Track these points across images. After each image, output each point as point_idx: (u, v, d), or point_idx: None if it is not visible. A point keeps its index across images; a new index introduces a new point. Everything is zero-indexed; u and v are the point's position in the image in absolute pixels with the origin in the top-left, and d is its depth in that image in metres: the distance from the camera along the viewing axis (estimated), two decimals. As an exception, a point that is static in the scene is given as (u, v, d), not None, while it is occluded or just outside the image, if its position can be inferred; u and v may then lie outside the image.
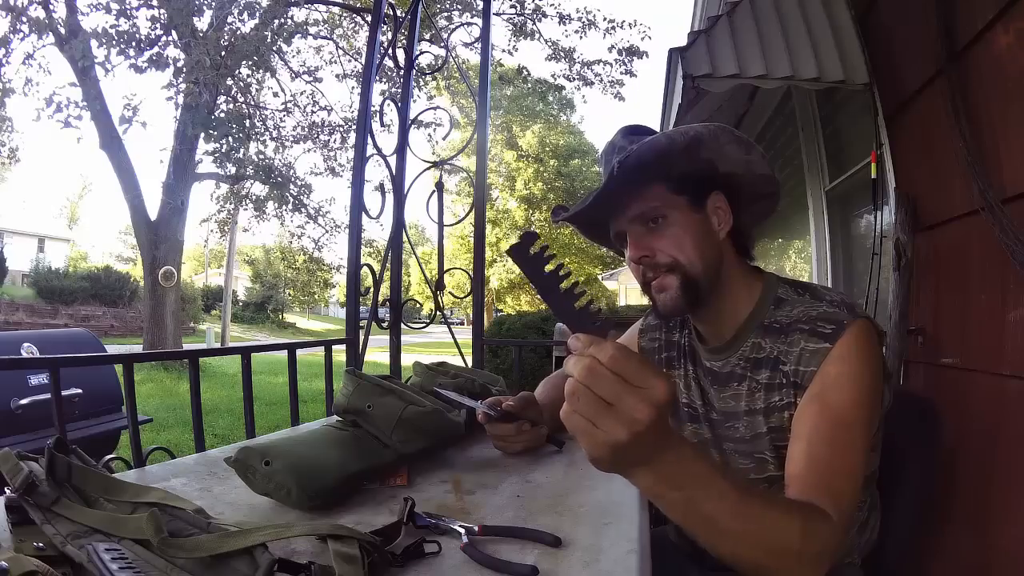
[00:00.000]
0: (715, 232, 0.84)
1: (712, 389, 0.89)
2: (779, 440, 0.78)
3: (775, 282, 0.86)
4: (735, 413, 0.85)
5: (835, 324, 0.74)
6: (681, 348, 0.97)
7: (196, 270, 28.28)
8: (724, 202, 0.85)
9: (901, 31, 1.71)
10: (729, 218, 0.85)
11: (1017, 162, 1.17)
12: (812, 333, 0.75)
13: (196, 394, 1.33)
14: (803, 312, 0.78)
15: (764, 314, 0.83)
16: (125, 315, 15.67)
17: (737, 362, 0.85)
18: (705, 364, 0.91)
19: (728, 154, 0.81)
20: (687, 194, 0.82)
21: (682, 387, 0.95)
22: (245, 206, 10.41)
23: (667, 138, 0.78)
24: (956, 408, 1.33)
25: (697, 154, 0.80)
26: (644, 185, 0.82)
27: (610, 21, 9.23)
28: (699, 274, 0.82)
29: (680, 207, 0.82)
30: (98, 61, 7.11)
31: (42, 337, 3.36)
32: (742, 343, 0.84)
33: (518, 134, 21.07)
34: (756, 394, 0.81)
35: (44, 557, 0.45)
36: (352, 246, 1.85)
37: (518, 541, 0.62)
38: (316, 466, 0.71)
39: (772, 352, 0.80)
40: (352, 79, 9.67)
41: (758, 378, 0.81)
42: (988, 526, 1.24)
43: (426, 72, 2.42)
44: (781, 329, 0.79)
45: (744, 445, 0.84)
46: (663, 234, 0.82)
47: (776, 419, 0.79)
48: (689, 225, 0.82)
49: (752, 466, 0.83)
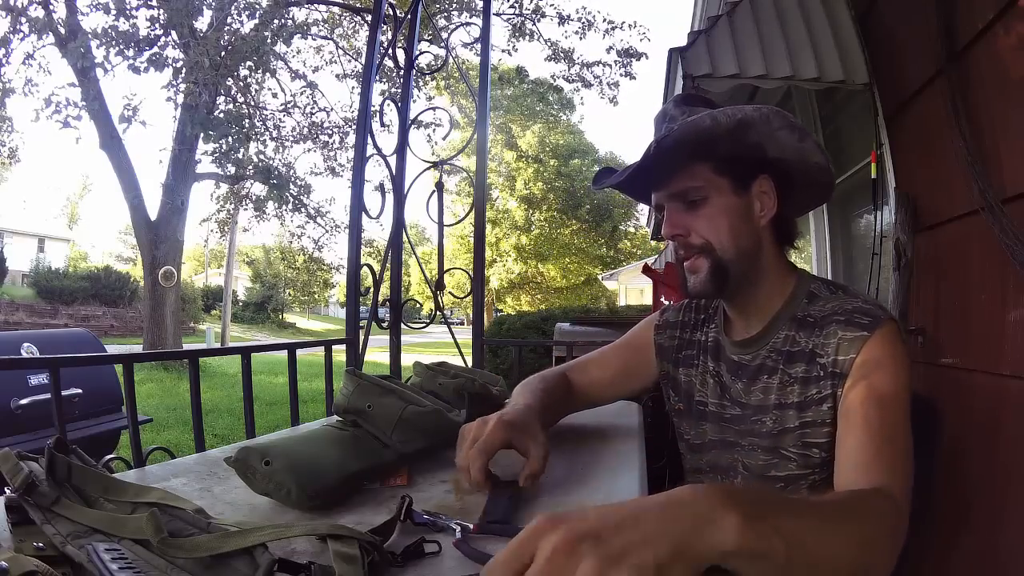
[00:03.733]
0: (756, 217, 0.82)
1: (739, 383, 0.86)
2: (808, 436, 0.77)
3: (808, 277, 0.85)
4: (763, 407, 0.82)
5: (871, 317, 0.73)
6: (701, 345, 0.95)
7: (196, 270, 28.30)
8: (771, 187, 0.82)
9: (901, 31, 1.71)
10: (774, 204, 0.82)
11: (1017, 162, 1.17)
12: (848, 323, 0.74)
13: (196, 394, 1.33)
14: (838, 306, 0.77)
15: (797, 307, 0.82)
16: (125, 315, 15.68)
17: (768, 355, 0.82)
18: (732, 358, 0.88)
19: (779, 139, 0.78)
20: (731, 176, 0.80)
21: (697, 385, 0.94)
22: (245, 206, 10.42)
23: (712, 119, 0.74)
24: (956, 408, 1.33)
25: (744, 137, 0.77)
26: (687, 163, 0.80)
27: (609, 22, 9.24)
28: (731, 260, 0.80)
29: (722, 189, 0.80)
30: (97, 62, 7.12)
31: (42, 337, 3.37)
32: (773, 335, 0.82)
33: (518, 134, 21.09)
34: (789, 388, 0.79)
35: (44, 557, 0.45)
36: (352, 246, 1.86)
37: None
38: (316, 466, 0.71)
39: (807, 346, 0.78)
40: (352, 79, 9.68)
41: (792, 372, 0.79)
42: (988, 526, 1.24)
43: (426, 72, 2.43)
44: (815, 323, 0.78)
45: (768, 440, 0.81)
46: (700, 214, 0.80)
47: (812, 413, 0.76)
48: (728, 208, 0.80)
49: (774, 462, 0.80)
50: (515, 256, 21.20)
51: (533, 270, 21.82)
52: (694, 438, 0.94)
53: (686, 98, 0.86)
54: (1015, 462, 1.16)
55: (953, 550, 1.35)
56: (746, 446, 0.84)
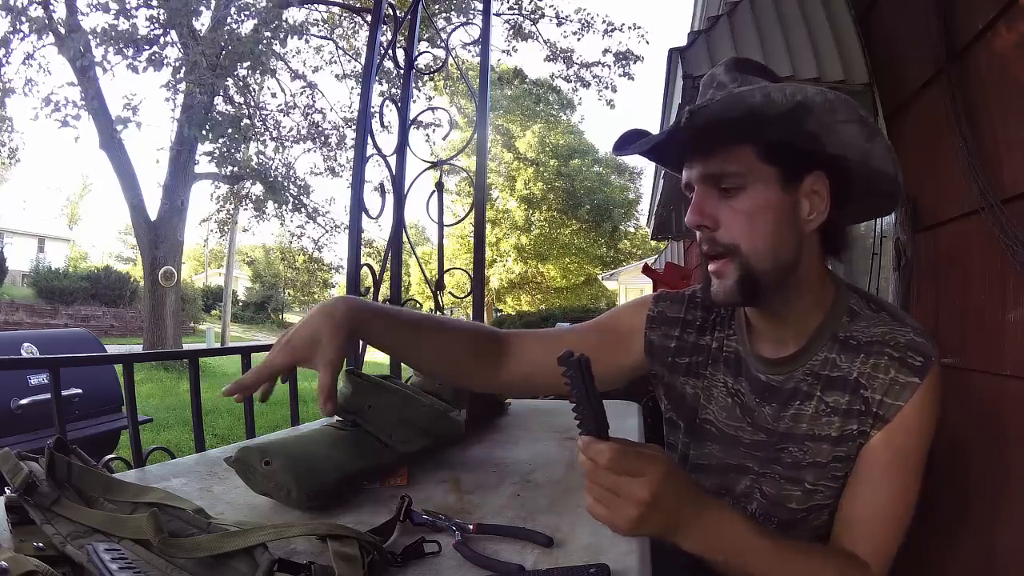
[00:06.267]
0: (802, 221, 0.68)
1: (768, 408, 0.75)
2: (838, 471, 0.70)
3: (847, 289, 0.74)
4: (791, 435, 0.72)
5: (924, 357, 0.66)
6: (712, 354, 0.81)
7: (196, 270, 28.28)
8: (825, 187, 0.68)
9: (901, 31, 1.71)
10: (826, 208, 0.68)
11: (1017, 162, 1.17)
12: (903, 363, 0.66)
13: (196, 394, 1.33)
14: (888, 334, 0.68)
15: (838, 325, 0.71)
16: (125, 315, 15.67)
17: (803, 377, 0.72)
18: (758, 378, 0.76)
19: (842, 133, 0.65)
20: (779, 166, 0.66)
21: (703, 400, 0.81)
22: (245, 206, 10.43)
23: (764, 95, 0.61)
24: (956, 408, 1.33)
25: (800, 123, 0.64)
26: (728, 141, 0.66)
27: (608, 23, 9.24)
28: (766, 269, 0.67)
29: (766, 180, 0.66)
30: (96, 61, 7.12)
31: (42, 337, 3.37)
32: (812, 356, 0.72)
33: (518, 134, 21.09)
34: (826, 419, 0.70)
35: (44, 557, 0.45)
36: (352, 246, 1.85)
37: (518, 540, 0.62)
38: (316, 466, 0.71)
39: (850, 373, 0.68)
40: (352, 79, 9.68)
41: (830, 400, 0.69)
42: (988, 526, 1.24)
43: (425, 73, 2.43)
44: (859, 347, 0.69)
45: (794, 472, 0.72)
46: (735, 207, 0.66)
47: (846, 448, 0.69)
48: (770, 205, 0.66)
49: (798, 494, 0.72)
50: (515, 256, 21.19)
51: (533, 270, 21.82)
52: (696, 458, 0.82)
53: (740, 63, 0.73)
54: (1015, 462, 1.16)
55: (952, 550, 1.35)
56: (766, 474, 0.75)
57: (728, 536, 0.58)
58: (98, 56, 7.09)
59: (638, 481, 0.53)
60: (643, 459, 0.54)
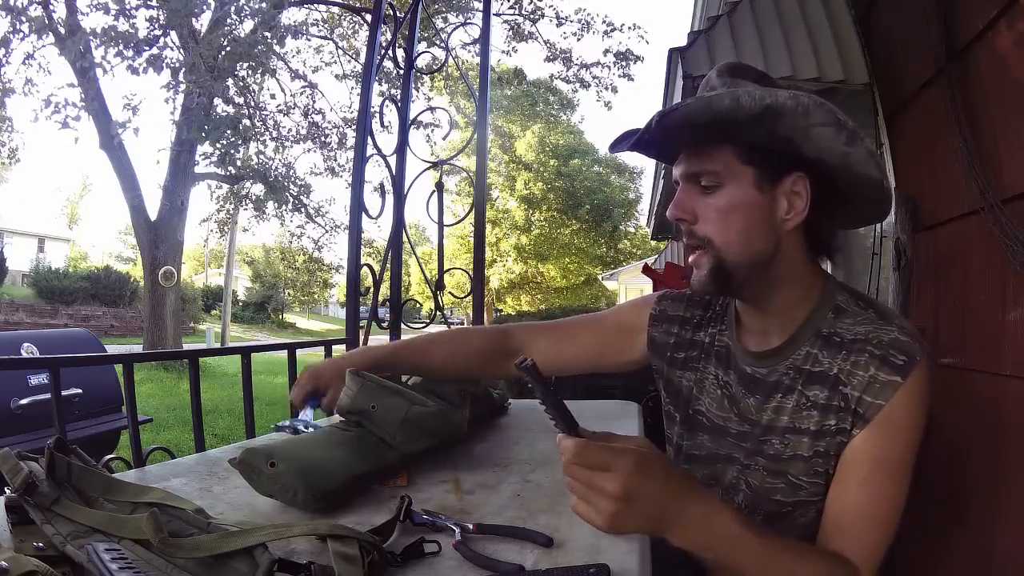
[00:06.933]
0: (779, 220, 0.71)
1: (752, 399, 0.77)
2: (820, 466, 0.70)
3: (835, 286, 0.76)
4: (772, 427, 0.74)
5: (907, 356, 0.66)
6: (705, 348, 0.86)
7: (196, 270, 28.30)
8: (806, 188, 0.70)
9: (901, 31, 1.71)
10: (805, 208, 0.70)
11: (1017, 162, 1.17)
12: (884, 361, 0.66)
13: (196, 394, 1.34)
14: (872, 332, 0.68)
15: (822, 321, 0.73)
16: (125, 315, 15.67)
17: (786, 371, 0.74)
18: (744, 370, 0.79)
19: (817, 137, 0.66)
20: (756, 167, 0.69)
21: (696, 392, 0.85)
22: (245, 206, 10.43)
23: (733, 99, 0.64)
24: (956, 408, 1.33)
25: (771, 127, 0.66)
26: (709, 142, 0.70)
27: (608, 24, 9.25)
28: (737, 263, 0.70)
29: (742, 180, 0.69)
30: (96, 62, 7.12)
31: (42, 337, 3.37)
32: (794, 350, 0.74)
33: (518, 134, 21.10)
34: (805, 412, 0.71)
35: (44, 557, 0.45)
36: (352, 246, 1.86)
37: (518, 540, 0.62)
38: (323, 468, 0.71)
39: (831, 368, 0.70)
40: (352, 79, 9.68)
41: (810, 395, 0.71)
42: (988, 526, 1.24)
43: (425, 73, 2.43)
44: (843, 344, 0.70)
45: (777, 464, 0.73)
46: (711, 203, 0.70)
47: (826, 444, 0.69)
48: (745, 204, 0.69)
49: (782, 487, 0.73)
50: (515, 256, 21.20)
51: (533, 270, 21.83)
52: (689, 448, 0.86)
53: (734, 68, 0.75)
54: (1015, 462, 1.16)
55: (952, 550, 1.35)
56: (751, 465, 0.77)
57: (717, 532, 0.57)
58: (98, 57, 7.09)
59: (607, 476, 0.53)
60: (610, 452, 0.54)
